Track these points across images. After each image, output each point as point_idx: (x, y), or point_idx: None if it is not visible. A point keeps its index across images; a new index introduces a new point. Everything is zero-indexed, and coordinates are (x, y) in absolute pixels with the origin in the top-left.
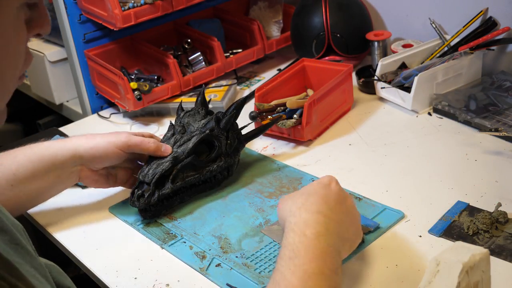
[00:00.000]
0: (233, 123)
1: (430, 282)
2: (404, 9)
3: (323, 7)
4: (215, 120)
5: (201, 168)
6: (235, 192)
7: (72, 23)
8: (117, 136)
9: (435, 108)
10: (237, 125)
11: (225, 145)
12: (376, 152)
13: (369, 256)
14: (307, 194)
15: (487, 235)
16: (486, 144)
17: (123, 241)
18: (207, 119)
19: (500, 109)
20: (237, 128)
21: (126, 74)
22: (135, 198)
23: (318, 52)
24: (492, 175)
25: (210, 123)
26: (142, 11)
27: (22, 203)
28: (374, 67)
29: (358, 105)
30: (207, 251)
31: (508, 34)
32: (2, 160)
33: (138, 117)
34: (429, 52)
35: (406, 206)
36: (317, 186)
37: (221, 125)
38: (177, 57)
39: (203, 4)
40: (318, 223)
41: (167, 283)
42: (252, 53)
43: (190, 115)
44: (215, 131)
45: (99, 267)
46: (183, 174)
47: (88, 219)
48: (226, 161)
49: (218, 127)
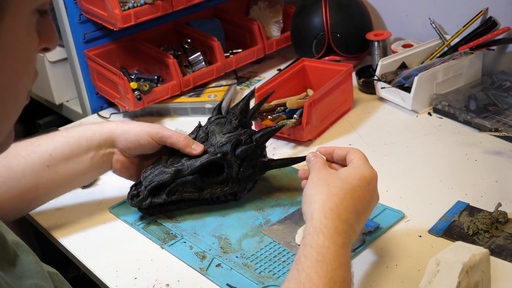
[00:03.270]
0: (255, 150)
1: (430, 282)
2: (404, 9)
3: (323, 7)
4: (233, 145)
5: (203, 188)
6: None
7: (72, 23)
8: (150, 125)
9: (435, 108)
10: (261, 152)
11: (237, 172)
12: (376, 152)
13: (369, 256)
14: (344, 193)
15: (487, 235)
16: (486, 144)
17: (123, 241)
18: (228, 137)
19: (500, 109)
20: (258, 155)
21: (126, 74)
22: (129, 195)
23: (318, 52)
24: (492, 175)
25: (226, 146)
26: (142, 11)
27: (57, 185)
28: (374, 67)
29: (358, 105)
30: (207, 251)
31: (508, 34)
32: (40, 142)
33: (138, 117)
34: (429, 52)
35: (406, 206)
36: (358, 182)
37: (237, 152)
38: (177, 57)
39: (203, 4)
40: (346, 233)
41: (167, 283)
42: (252, 53)
43: (220, 124)
44: (228, 157)
45: (99, 267)
46: (182, 188)
47: (88, 219)
48: (232, 187)
49: (233, 153)
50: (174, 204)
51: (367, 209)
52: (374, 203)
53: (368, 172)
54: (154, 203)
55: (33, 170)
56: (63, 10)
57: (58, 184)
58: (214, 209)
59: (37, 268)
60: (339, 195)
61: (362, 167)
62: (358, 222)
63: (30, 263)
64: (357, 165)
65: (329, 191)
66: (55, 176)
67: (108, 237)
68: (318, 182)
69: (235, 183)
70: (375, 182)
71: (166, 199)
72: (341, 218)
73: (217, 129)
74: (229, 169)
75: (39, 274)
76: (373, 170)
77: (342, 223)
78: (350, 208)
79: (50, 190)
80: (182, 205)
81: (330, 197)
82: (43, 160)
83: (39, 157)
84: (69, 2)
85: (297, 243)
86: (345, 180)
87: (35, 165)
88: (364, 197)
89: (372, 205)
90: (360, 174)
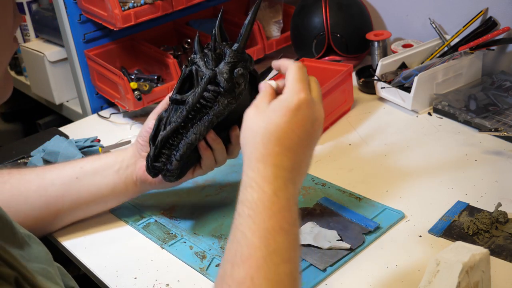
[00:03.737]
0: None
1: (430, 282)
2: (404, 9)
3: (323, 7)
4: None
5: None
6: (235, 192)
7: (72, 23)
8: None
9: (435, 108)
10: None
11: (203, 64)
12: (376, 152)
13: (369, 256)
14: (268, 137)
15: (487, 235)
16: (486, 144)
17: (123, 241)
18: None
19: (500, 109)
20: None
21: (126, 74)
22: (162, 172)
23: (318, 52)
24: (492, 175)
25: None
26: (142, 11)
27: (83, 200)
28: (374, 67)
29: (358, 105)
30: (207, 251)
31: (508, 34)
32: (76, 159)
33: (138, 117)
34: (429, 52)
35: (406, 206)
36: (282, 118)
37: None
38: (177, 57)
39: (203, 4)
40: (277, 177)
41: (167, 283)
42: (252, 53)
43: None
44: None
45: (99, 267)
46: (172, 118)
47: (88, 219)
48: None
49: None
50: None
51: (302, 141)
52: (313, 129)
53: (293, 102)
54: (159, 144)
55: (63, 180)
56: (63, 10)
57: (84, 199)
58: (214, 209)
59: (46, 257)
60: (263, 141)
61: (287, 98)
62: (295, 159)
63: (40, 252)
64: (283, 98)
65: (254, 139)
66: (81, 189)
67: (108, 237)
68: (247, 130)
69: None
70: (305, 107)
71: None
72: (269, 163)
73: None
74: (198, 68)
75: (48, 262)
76: (300, 96)
77: (270, 168)
78: (278, 150)
79: (76, 205)
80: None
81: (255, 145)
82: (73, 172)
83: (71, 168)
84: (69, 2)
85: None
86: (269, 120)
87: (66, 176)
88: (293, 131)
89: (311, 134)
90: (285, 107)
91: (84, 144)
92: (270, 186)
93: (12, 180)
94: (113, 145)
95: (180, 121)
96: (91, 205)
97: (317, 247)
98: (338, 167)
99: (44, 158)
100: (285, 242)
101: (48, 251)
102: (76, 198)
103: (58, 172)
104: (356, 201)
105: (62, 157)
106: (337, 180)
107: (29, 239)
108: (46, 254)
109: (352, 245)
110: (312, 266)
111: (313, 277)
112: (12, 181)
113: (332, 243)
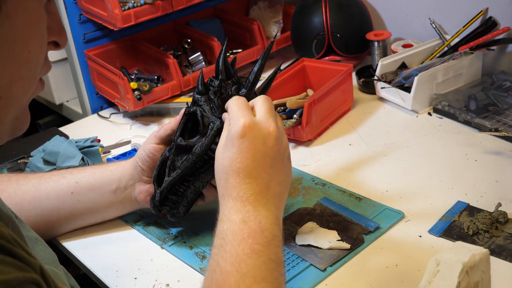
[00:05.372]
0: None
1: (430, 282)
2: (404, 9)
3: (323, 7)
4: None
5: (191, 147)
6: None
7: (72, 23)
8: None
9: (435, 108)
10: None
11: (209, 110)
12: (376, 152)
13: (369, 256)
14: (226, 170)
15: (487, 235)
16: (486, 144)
17: (123, 241)
18: None
19: (500, 109)
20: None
21: (126, 74)
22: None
23: (318, 52)
24: (492, 175)
25: None
26: (142, 11)
27: (79, 213)
28: (374, 67)
29: (358, 105)
30: (207, 251)
31: (508, 34)
32: (74, 171)
33: (138, 117)
34: (429, 52)
35: (406, 206)
36: (231, 145)
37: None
38: (177, 57)
39: (203, 4)
40: (244, 205)
41: (167, 283)
42: (252, 53)
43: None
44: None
45: (99, 267)
46: (177, 162)
47: None
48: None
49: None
50: (184, 185)
51: (259, 164)
52: (266, 147)
53: (236, 131)
54: (163, 191)
55: (57, 193)
56: (63, 10)
57: (80, 212)
58: (214, 209)
59: (53, 259)
60: (223, 176)
61: (231, 129)
62: (258, 183)
63: (46, 253)
64: (229, 131)
65: (218, 176)
66: (76, 204)
67: (108, 237)
68: (215, 170)
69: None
70: (248, 130)
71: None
72: (232, 197)
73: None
74: (203, 112)
75: (54, 263)
76: (240, 122)
77: (234, 200)
78: (238, 180)
79: (72, 217)
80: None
81: (220, 182)
82: (68, 186)
83: (66, 182)
84: (69, 2)
85: (297, 243)
86: (222, 155)
87: (61, 190)
88: (246, 157)
89: (266, 152)
90: (231, 139)
91: (84, 144)
92: (238, 215)
93: (9, 189)
94: (113, 145)
95: (187, 170)
96: (87, 218)
97: (317, 247)
98: (338, 167)
99: (44, 158)
100: (257, 264)
101: (54, 253)
102: (71, 211)
103: (54, 184)
104: (356, 201)
105: (62, 157)
106: (337, 180)
107: (36, 242)
108: (52, 256)
109: (352, 245)
110: (312, 266)
111: (313, 277)
112: (9, 190)
113: (332, 243)
